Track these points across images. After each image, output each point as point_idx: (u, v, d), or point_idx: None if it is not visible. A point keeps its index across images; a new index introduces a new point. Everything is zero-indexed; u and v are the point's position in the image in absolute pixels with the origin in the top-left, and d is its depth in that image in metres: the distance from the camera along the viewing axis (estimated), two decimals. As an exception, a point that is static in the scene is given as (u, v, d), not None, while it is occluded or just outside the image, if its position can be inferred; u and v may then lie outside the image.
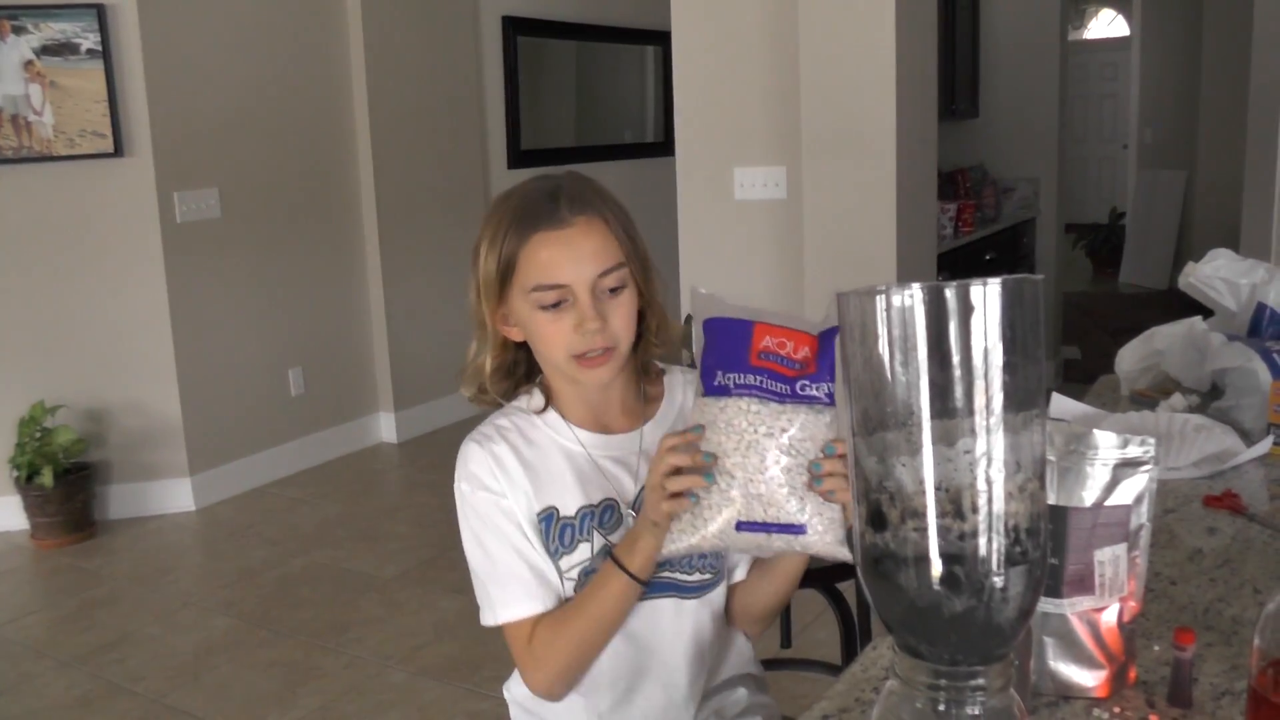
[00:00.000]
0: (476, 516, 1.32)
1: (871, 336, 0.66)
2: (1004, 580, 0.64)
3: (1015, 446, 0.64)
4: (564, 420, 1.35)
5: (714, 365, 1.13)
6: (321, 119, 4.81)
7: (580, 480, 1.33)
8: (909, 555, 0.65)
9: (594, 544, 1.32)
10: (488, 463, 1.33)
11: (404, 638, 3.23)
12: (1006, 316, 0.65)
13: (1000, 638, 0.66)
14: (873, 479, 0.66)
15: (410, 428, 5.20)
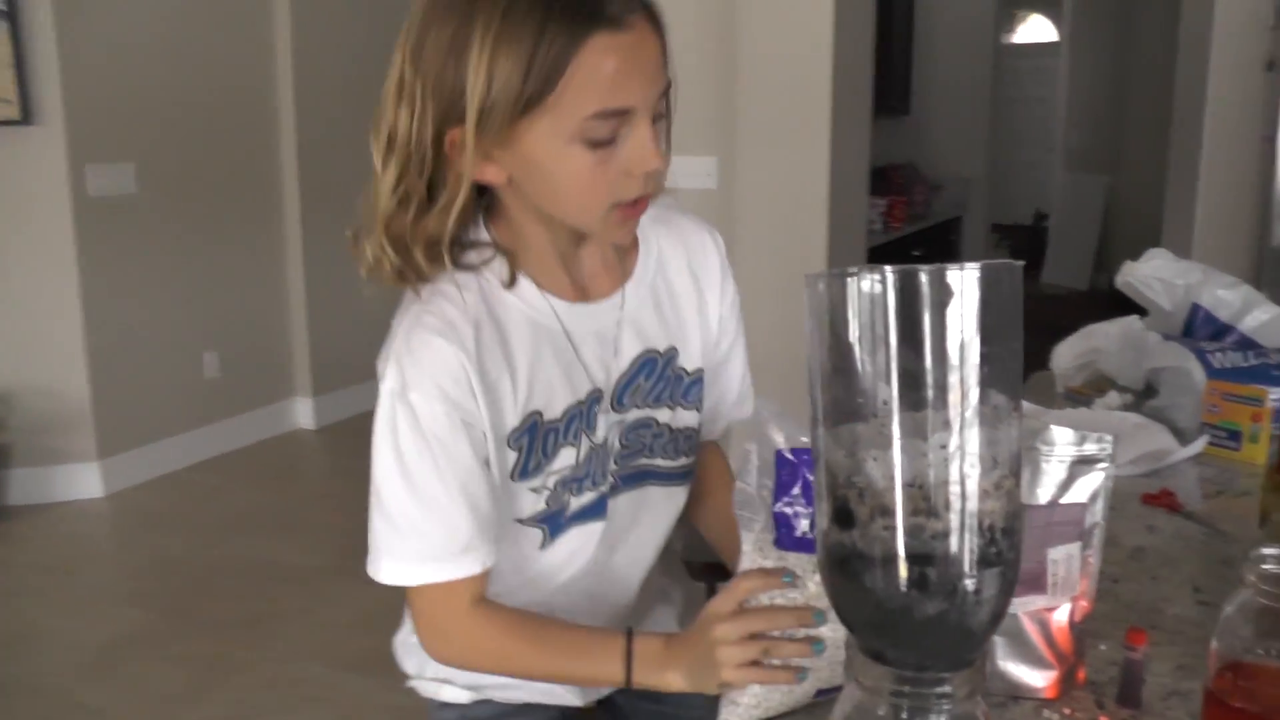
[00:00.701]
0: (419, 438, 1.00)
1: (841, 322, 0.62)
2: (977, 583, 0.61)
3: (992, 442, 0.60)
4: (537, 289, 1.07)
5: (791, 513, 0.95)
6: (244, 94, 4.66)
7: (566, 372, 1.08)
8: (877, 555, 0.61)
9: (580, 448, 1.10)
10: (458, 363, 1.00)
11: (325, 630, 3.14)
12: (985, 304, 0.61)
13: (971, 642, 0.63)
14: (840, 474, 0.62)
15: (329, 413, 5.08)
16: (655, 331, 1.15)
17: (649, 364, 1.15)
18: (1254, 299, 1.80)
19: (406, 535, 1.04)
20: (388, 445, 1.02)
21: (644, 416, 1.16)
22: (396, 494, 1.03)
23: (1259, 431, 1.56)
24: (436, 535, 1.03)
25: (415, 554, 1.04)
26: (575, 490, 1.12)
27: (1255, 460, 1.57)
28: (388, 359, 1.03)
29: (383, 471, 1.03)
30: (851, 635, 0.66)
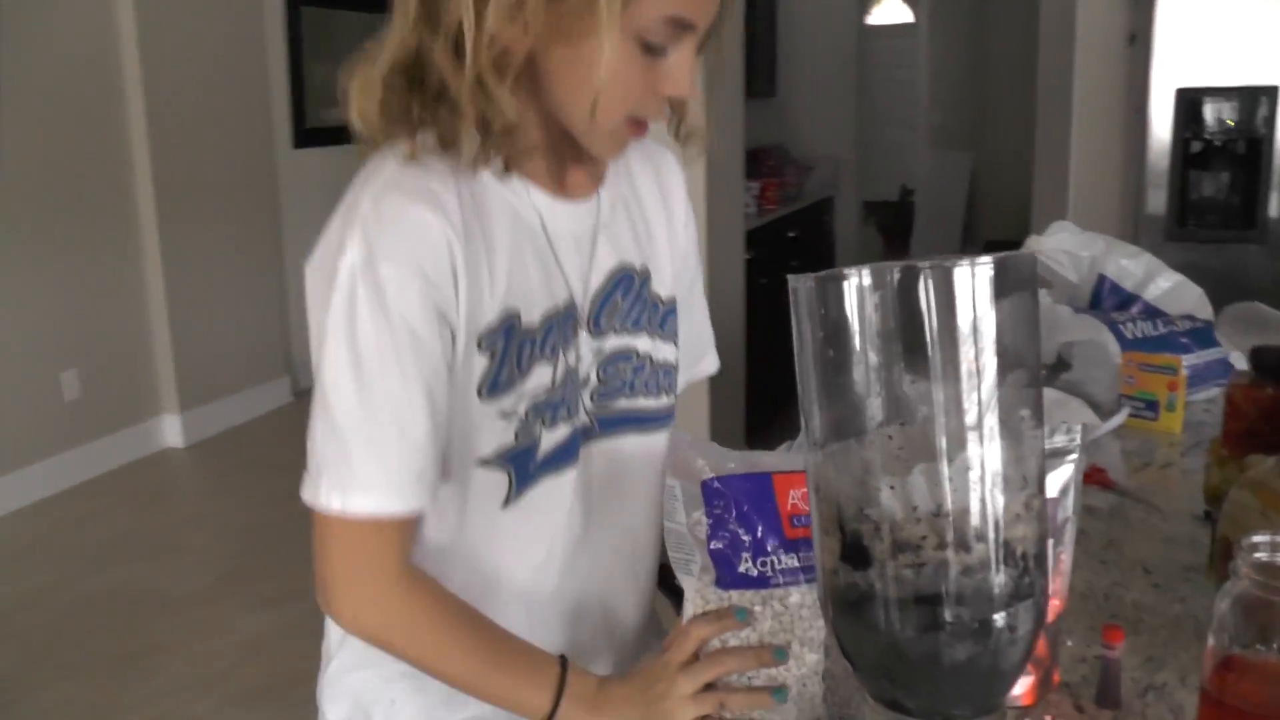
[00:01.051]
0: (384, 323, 0.85)
1: (843, 331, 0.54)
2: (1011, 618, 0.53)
3: (1020, 458, 0.53)
4: (518, 177, 0.95)
5: (734, 545, 0.87)
6: (91, 93, 4.35)
7: (545, 274, 0.96)
8: (899, 596, 0.53)
9: (557, 368, 0.95)
10: (441, 235, 0.86)
11: (208, 661, 2.95)
12: (999, 303, 0.54)
13: (1002, 684, 0.56)
14: (848, 506, 0.54)
15: (199, 430, 4.81)
16: (629, 245, 1.06)
17: (625, 280, 1.04)
18: (1156, 267, 1.81)
19: (354, 450, 0.87)
20: (342, 334, 0.86)
21: (622, 346, 1.04)
22: (346, 396, 0.86)
23: (1175, 400, 1.56)
24: (390, 451, 0.87)
25: (362, 476, 0.87)
26: (548, 420, 0.97)
27: (1172, 429, 1.56)
28: (348, 228, 0.87)
29: (333, 368, 0.86)
30: (858, 679, 0.59)
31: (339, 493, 0.87)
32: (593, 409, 1.02)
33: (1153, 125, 2.94)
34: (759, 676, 0.86)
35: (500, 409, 0.93)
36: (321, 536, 0.90)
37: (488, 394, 0.92)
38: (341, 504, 0.87)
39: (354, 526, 0.88)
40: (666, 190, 1.12)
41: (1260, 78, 2.81)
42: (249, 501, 4.06)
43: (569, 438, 0.99)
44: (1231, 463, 1.09)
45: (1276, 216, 2.86)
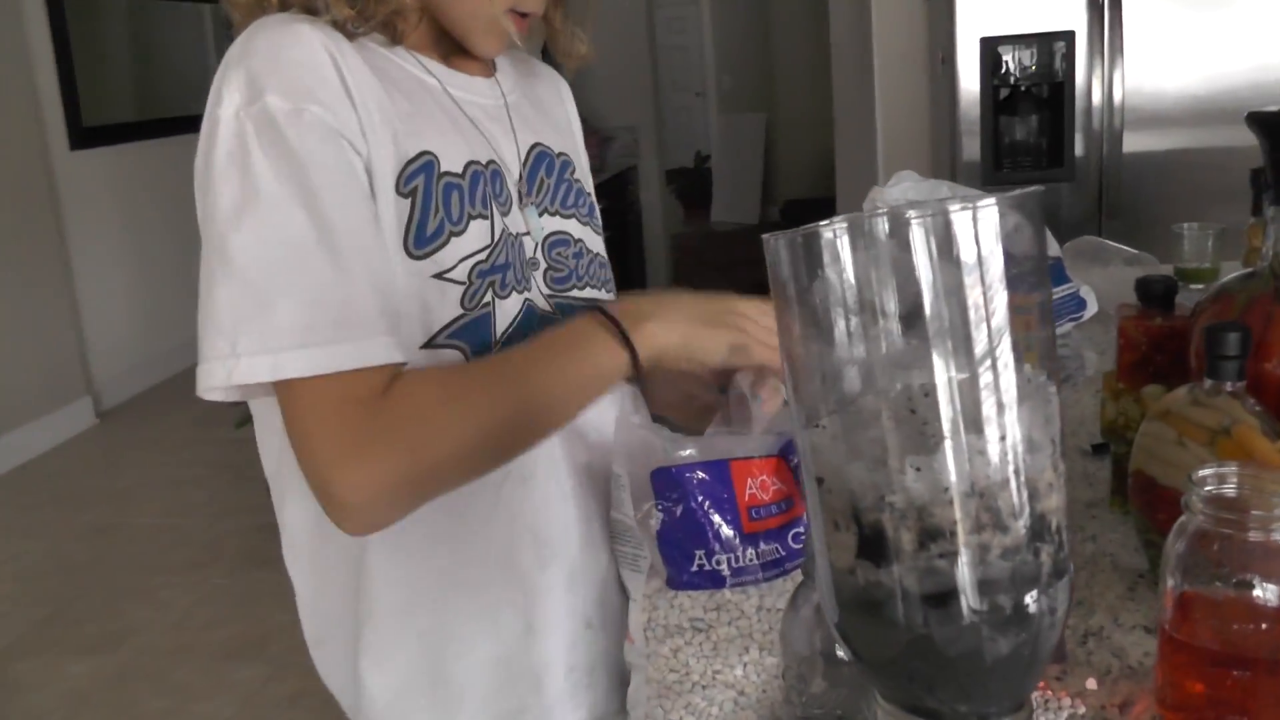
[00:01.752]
0: (282, 156, 0.75)
1: (833, 293, 0.47)
2: (1052, 600, 0.48)
3: (1048, 419, 0.48)
4: (406, 50, 0.90)
5: (686, 544, 0.80)
6: None
7: (456, 126, 0.89)
8: (931, 591, 0.47)
9: (493, 225, 0.87)
10: (326, 53, 0.79)
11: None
12: (1009, 249, 0.48)
13: (1037, 673, 0.50)
14: (865, 495, 0.47)
15: None
16: (542, 128, 1.01)
17: (544, 157, 0.98)
18: (999, 211, 1.82)
19: (272, 303, 0.73)
20: (234, 178, 0.75)
21: (559, 230, 0.97)
22: (249, 245, 0.74)
23: (1034, 340, 1.56)
24: (319, 298, 0.74)
25: (291, 329, 0.73)
26: (500, 288, 0.87)
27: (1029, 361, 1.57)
28: (224, 77, 0.78)
29: (227, 218, 0.75)
30: (868, 680, 0.52)
31: (265, 355, 0.73)
32: (549, 294, 0.93)
33: (960, 74, 3.01)
34: (715, 685, 0.79)
35: (438, 267, 0.83)
36: (297, 419, 0.74)
37: (416, 246, 0.82)
38: (271, 367, 0.73)
39: (324, 382, 0.73)
40: (564, 98, 1.11)
41: (1057, 23, 2.91)
42: (61, 537, 3.74)
43: (523, 312, 0.89)
44: (1127, 394, 1.09)
45: (1082, 155, 2.98)
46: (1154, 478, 0.95)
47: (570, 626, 0.95)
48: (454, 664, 0.93)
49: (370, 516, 0.76)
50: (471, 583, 0.92)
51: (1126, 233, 2.79)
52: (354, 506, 0.74)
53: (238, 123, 0.76)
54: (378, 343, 0.76)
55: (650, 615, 0.81)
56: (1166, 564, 0.76)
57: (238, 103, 0.77)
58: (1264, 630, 0.75)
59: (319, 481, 0.74)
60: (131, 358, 5.20)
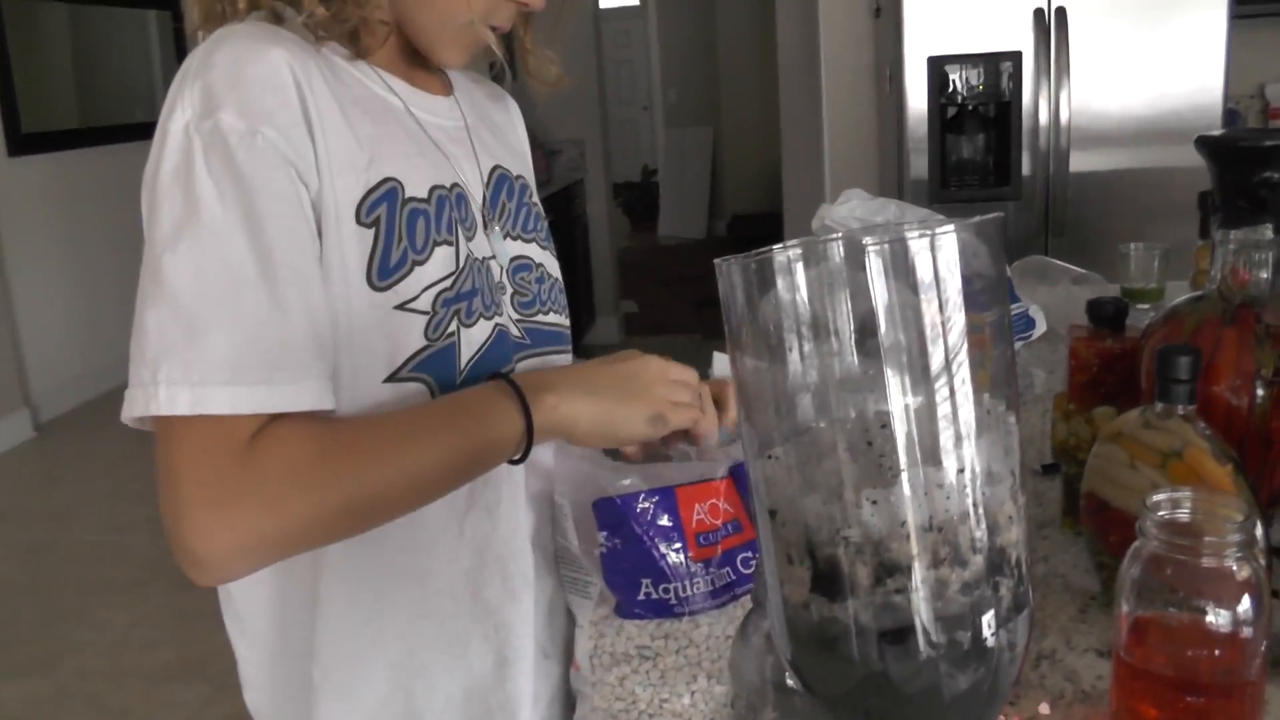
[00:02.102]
0: (228, 177, 0.72)
1: (786, 319, 0.46)
2: (1011, 635, 0.47)
3: (1007, 450, 0.46)
4: (370, 66, 0.87)
5: (633, 573, 0.78)
6: None
7: (421, 150, 0.87)
8: (887, 627, 0.45)
9: (459, 251, 0.84)
10: (288, 73, 0.76)
11: (-39, 746, 2.61)
12: (967, 275, 0.47)
13: (996, 708, 0.49)
14: (820, 529, 0.46)
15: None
16: (499, 151, 1.00)
17: (504, 180, 0.97)
18: (949, 229, 1.83)
19: (202, 333, 0.70)
20: (177, 196, 0.72)
21: (522, 255, 0.96)
22: (183, 269, 0.70)
23: (984, 358, 1.57)
24: (253, 333, 0.70)
25: (220, 364, 0.69)
26: (465, 316, 0.84)
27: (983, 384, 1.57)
28: (180, 88, 0.75)
29: (165, 239, 0.71)
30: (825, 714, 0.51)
31: (186, 387, 0.69)
32: (518, 319, 0.91)
33: (908, 92, 3.03)
34: (661, 714, 0.77)
35: (400, 299, 0.80)
36: (167, 455, 0.70)
37: (379, 278, 0.79)
38: (192, 401, 0.69)
39: (206, 434, 0.69)
40: (515, 120, 1.10)
41: (1004, 44, 2.94)
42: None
43: (494, 338, 0.86)
44: (1078, 415, 1.09)
45: (1028, 174, 3.01)
46: (1106, 500, 0.94)
47: (536, 657, 0.92)
48: (424, 699, 0.89)
49: (215, 571, 0.71)
50: (438, 615, 0.88)
51: (1073, 251, 2.83)
52: (200, 558, 0.69)
53: (186, 138, 0.73)
54: (308, 387, 0.73)
55: (596, 643, 0.79)
56: (1121, 588, 0.76)
57: (189, 117, 0.74)
58: (1217, 656, 0.75)
59: (171, 525, 0.70)
60: (71, 370, 5.08)
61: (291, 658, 0.90)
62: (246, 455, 0.70)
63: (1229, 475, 0.86)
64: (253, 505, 0.69)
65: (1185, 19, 2.87)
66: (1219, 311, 0.96)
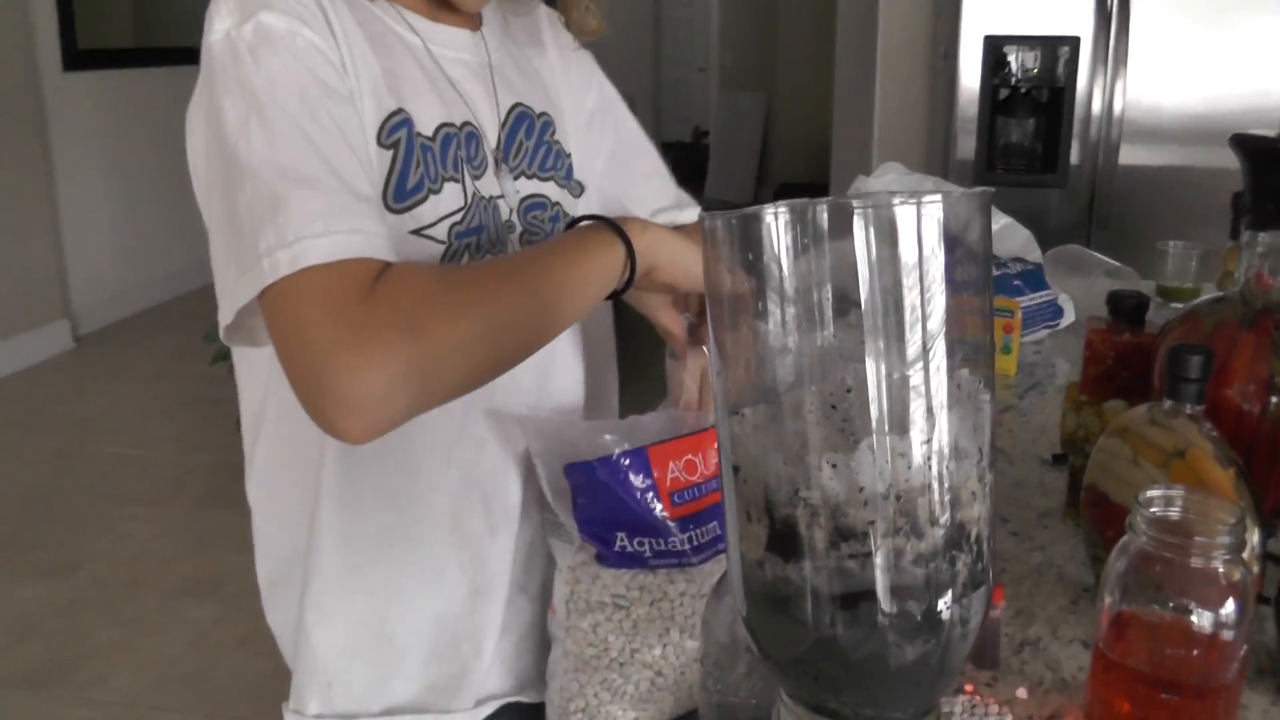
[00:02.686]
0: (277, 58, 0.75)
1: (767, 279, 0.46)
2: (965, 610, 0.46)
3: (977, 427, 0.46)
4: (390, 3, 0.89)
5: (606, 523, 0.79)
6: None
7: (433, 85, 0.88)
8: (839, 592, 0.45)
9: (466, 188, 0.87)
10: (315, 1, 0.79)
11: (-23, 641, 2.68)
12: (951, 248, 0.46)
13: (947, 681, 0.49)
14: (780, 488, 0.46)
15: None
16: (524, 88, 0.99)
17: (524, 118, 0.97)
18: (985, 211, 1.80)
19: (288, 195, 0.71)
20: (235, 94, 0.74)
21: (536, 192, 0.96)
22: (259, 148, 0.72)
23: (1011, 343, 1.56)
24: (330, 183, 0.72)
25: (305, 215, 0.70)
26: (475, 250, 0.87)
27: (1008, 372, 1.56)
28: (213, 6, 0.78)
29: (232, 134, 0.73)
30: (773, 677, 0.51)
31: (284, 249, 0.69)
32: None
33: (962, 71, 2.98)
34: (632, 664, 0.78)
35: (416, 223, 0.82)
36: (293, 315, 0.69)
37: (395, 199, 0.81)
38: (291, 259, 0.68)
39: (320, 279, 0.68)
40: (545, 44, 1.07)
41: (1063, 28, 2.88)
42: (24, 460, 3.71)
43: None
44: (1089, 407, 1.07)
45: (1076, 163, 2.96)
46: (1106, 493, 0.93)
47: (510, 592, 0.94)
48: (397, 622, 0.93)
49: (372, 411, 0.67)
50: (419, 541, 0.91)
51: (1114, 244, 2.78)
52: (355, 399, 0.66)
53: (229, 42, 0.75)
54: (383, 237, 0.73)
55: (573, 588, 0.80)
56: (1106, 581, 0.75)
57: (228, 25, 0.76)
58: (1196, 656, 0.75)
59: (314, 378, 0.67)
60: (111, 285, 5.15)
61: (291, 570, 0.95)
62: (372, 294, 0.69)
63: (1230, 479, 0.85)
64: (396, 332, 0.68)
65: (1251, 21, 2.80)
66: (1238, 314, 0.94)
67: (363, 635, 0.93)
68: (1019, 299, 1.59)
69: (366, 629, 0.93)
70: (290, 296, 0.69)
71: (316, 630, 0.93)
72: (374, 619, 0.92)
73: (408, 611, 0.93)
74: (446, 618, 0.94)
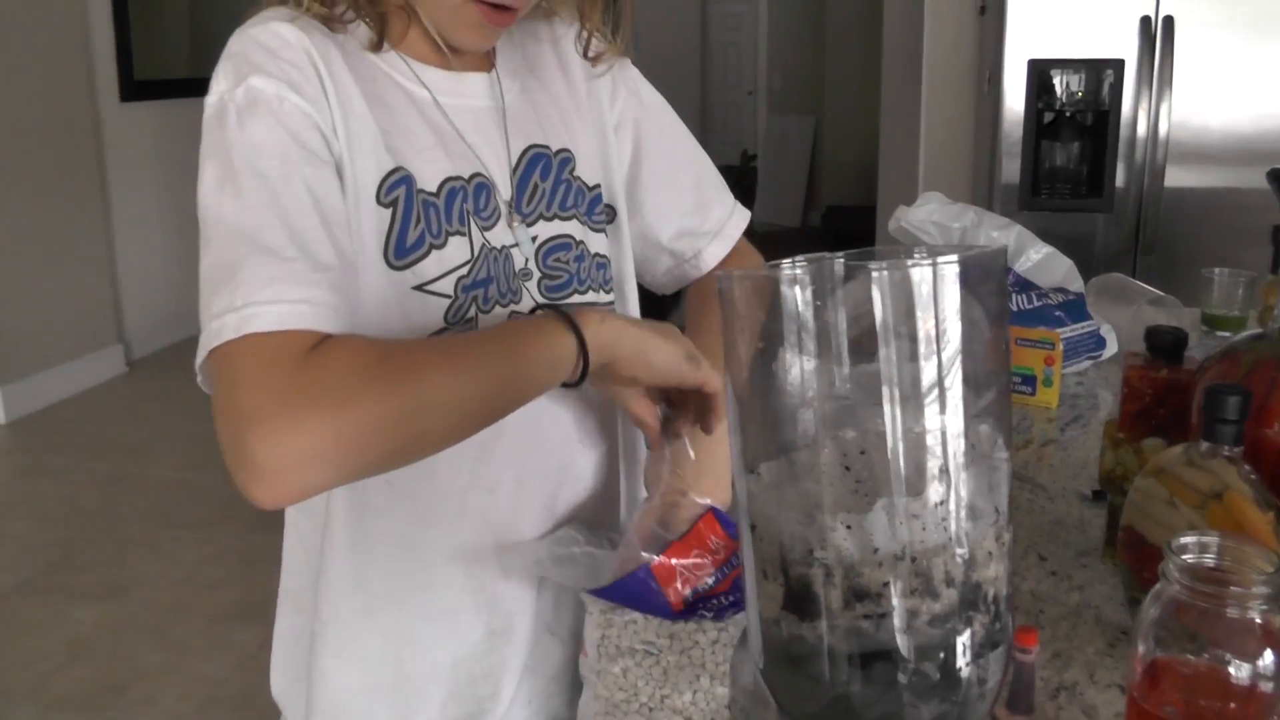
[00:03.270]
0: (259, 124, 0.77)
1: (783, 338, 0.46)
2: (982, 671, 0.46)
3: (992, 486, 0.46)
4: (399, 56, 0.89)
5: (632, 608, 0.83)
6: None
7: (440, 139, 0.88)
8: (855, 652, 0.45)
9: (472, 241, 0.87)
10: (304, 54, 0.80)
11: (30, 663, 2.72)
12: (967, 306, 0.46)
13: (964, 742, 0.48)
14: (794, 547, 0.46)
15: (21, 404, 4.45)
16: (539, 127, 0.98)
17: (539, 160, 0.96)
18: (1026, 239, 1.79)
19: (243, 264, 0.72)
20: (217, 157, 0.78)
21: (558, 234, 0.95)
22: (228, 213, 0.75)
23: (1052, 375, 1.54)
24: (286, 253, 0.73)
25: (254, 285, 0.71)
26: (483, 302, 0.86)
27: (1049, 404, 1.55)
28: (216, 72, 0.82)
29: (207, 195, 0.77)
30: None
31: (232, 314, 0.70)
32: (545, 303, 0.92)
33: (1006, 94, 2.96)
34: (662, 709, 0.78)
35: (419, 279, 0.83)
36: (227, 377, 0.71)
37: (396, 256, 0.82)
38: (236, 325, 0.70)
39: (262, 340, 0.70)
40: (567, 63, 1.03)
41: (1107, 51, 2.85)
42: (77, 483, 3.78)
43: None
44: (1126, 445, 1.06)
45: (1121, 187, 2.92)
46: (1143, 535, 0.92)
47: (531, 633, 0.94)
48: (413, 663, 0.93)
49: (283, 481, 0.68)
50: (433, 585, 0.92)
51: (1160, 269, 2.75)
52: (267, 467, 0.67)
53: (221, 103, 0.79)
54: (342, 311, 0.75)
55: (604, 632, 0.80)
56: (1139, 628, 0.74)
57: (223, 89, 0.79)
58: (1232, 708, 0.73)
59: (234, 441, 0.68)
60: (163, 310, 5.24)
61: (301, 609, 0.96)
62: (305, 364, 0.70)
63: (1269, 524, 0.84)
64: (318, 405, 0.68)
65: (1300, 40, 2.76)
66: (1278, 352, 0.93)
67: (381, 676, 0.93)
68: (1060, 330, 1.57)
69: (384, 670, 0.93)
70: (229, 360, 0.71)
71: (333, 673, 0.93)
72: (391, 659, 0.93)
73: (424, 653, 0.93)
74: (462, 659, 0.94)
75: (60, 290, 4.51)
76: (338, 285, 0.75)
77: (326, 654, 0.93)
